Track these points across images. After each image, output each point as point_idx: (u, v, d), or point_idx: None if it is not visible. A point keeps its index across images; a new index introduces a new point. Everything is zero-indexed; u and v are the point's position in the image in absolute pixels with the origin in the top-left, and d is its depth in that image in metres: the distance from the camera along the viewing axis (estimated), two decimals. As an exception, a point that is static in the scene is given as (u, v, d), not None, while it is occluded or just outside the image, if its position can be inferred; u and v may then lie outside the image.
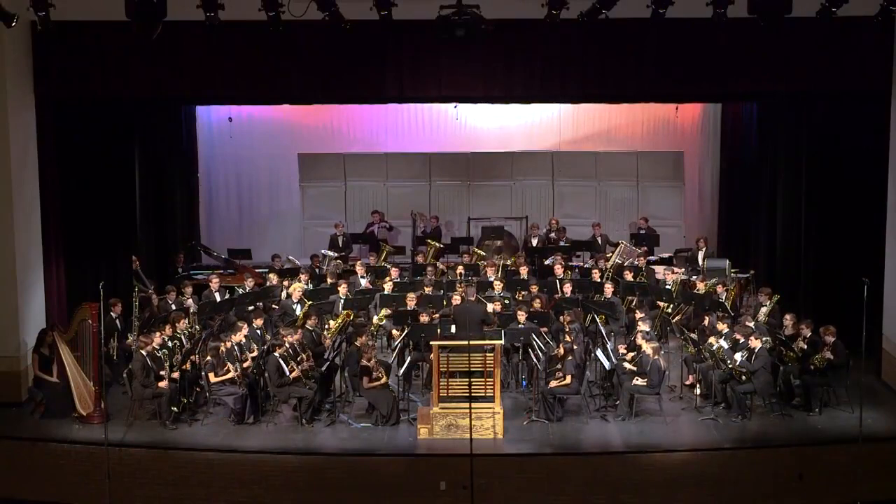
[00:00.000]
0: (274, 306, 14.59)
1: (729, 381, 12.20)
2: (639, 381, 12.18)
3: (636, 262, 15.95)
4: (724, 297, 14.27)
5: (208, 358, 12.28)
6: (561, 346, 12.38)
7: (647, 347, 12.24)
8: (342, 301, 14.25)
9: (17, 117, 12.86)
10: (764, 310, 13.61)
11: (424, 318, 13.19)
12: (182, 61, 13.20)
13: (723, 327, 12.67)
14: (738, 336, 12.49)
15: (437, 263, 16.54)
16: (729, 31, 11.90)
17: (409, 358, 12.66)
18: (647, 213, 18.48)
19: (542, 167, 19.20)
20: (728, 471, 11.27)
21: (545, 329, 13.21)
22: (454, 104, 17.50)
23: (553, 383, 12.18)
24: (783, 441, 11.64)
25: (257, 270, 16.42)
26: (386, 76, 13.57)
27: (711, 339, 12.53)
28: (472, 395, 11.34)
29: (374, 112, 19.11)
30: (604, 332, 13.25)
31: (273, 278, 15.18)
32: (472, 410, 11.06)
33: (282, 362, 12.03)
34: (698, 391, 12.70)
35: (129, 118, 15.24)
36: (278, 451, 11.40)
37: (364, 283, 15.49)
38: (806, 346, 12.38)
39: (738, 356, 12.14)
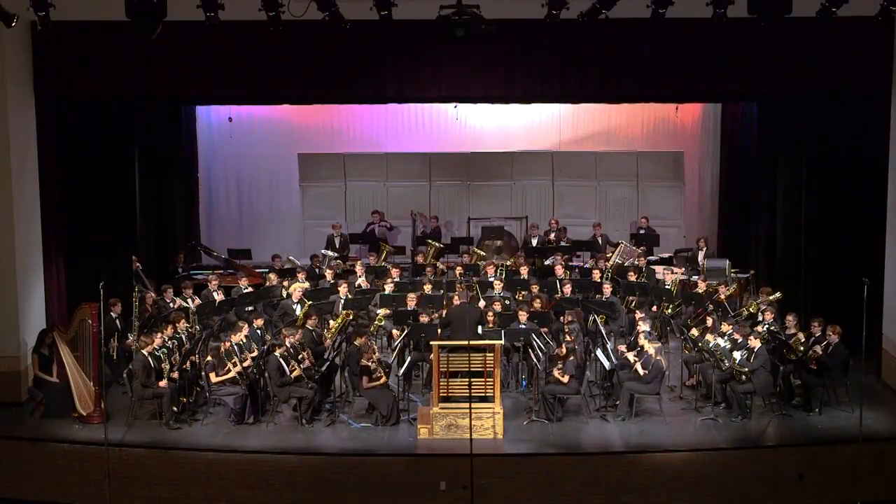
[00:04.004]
0: (274, 300, 14.60)
1: (729, 381, 12.20)
2: (640, 369, 12.11)
3: (636, 262, 15.96)
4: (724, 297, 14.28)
5: (208, 358, 12.28)
6: (563, 346, 12.36)
7: (650, 347, 12.24)
8: (342, 301, 14.26)
9: (17, 117, 12.86)
10: (763, 307, 13.61)
11: (424, 318, 13.20)
12: (182, 61, 13.19)
13: (727, 328, 12.66)
14: (737, 336, 12.49)
15: (437, 263, 16.53)
16: (729, 31, 11.90)
17: (409, 358, 12.66)
18: (647, 213, 18.49)
19: (542, 167, 19.18)
20: (728, 471, 11.27)
21: (545, 329, 13.22)
22: (454, 104, 17.51)
23: (555, 372, 12.12)
24: (783, 441, 11.64)
25: (257, 270, 16.43)
26: (386, 76, 13.57)
27: (709, 337, 12.53)
28: (472, 395, 11.34)
29: (374, 112, 19.11)
30: (604, 332, 13.25)
31: (273, 278, 15.18)
32: (472, 410, 11.07)
33: (282, 362, 12.03)
34: (697, 387, 12.70)
35: (129, 118, 15.21)
36: (278, 451, 11.39)
37: (362, 282, 15.46)
38: (805, 345, 12.39)
39: (736, 355, 12.14)
